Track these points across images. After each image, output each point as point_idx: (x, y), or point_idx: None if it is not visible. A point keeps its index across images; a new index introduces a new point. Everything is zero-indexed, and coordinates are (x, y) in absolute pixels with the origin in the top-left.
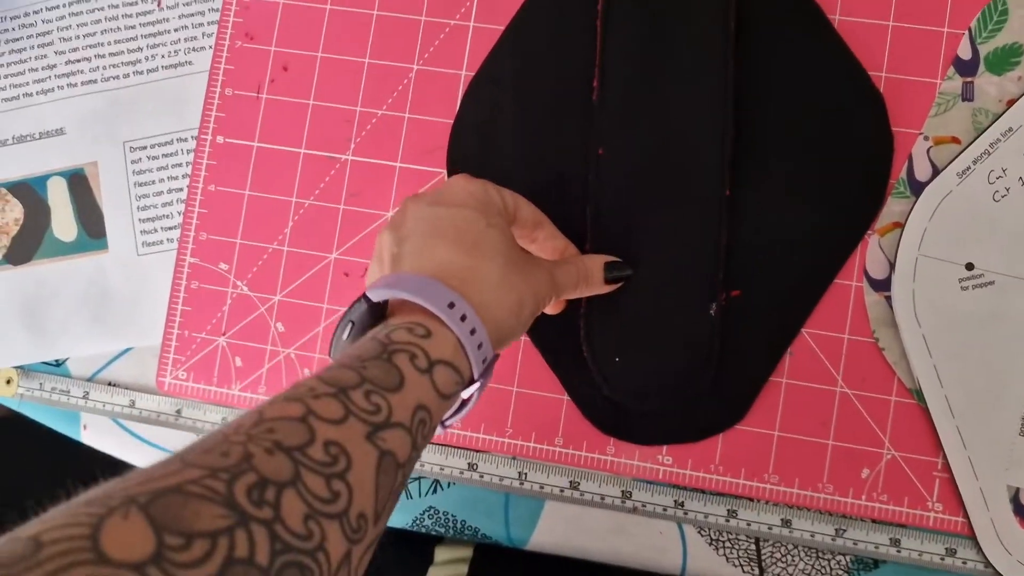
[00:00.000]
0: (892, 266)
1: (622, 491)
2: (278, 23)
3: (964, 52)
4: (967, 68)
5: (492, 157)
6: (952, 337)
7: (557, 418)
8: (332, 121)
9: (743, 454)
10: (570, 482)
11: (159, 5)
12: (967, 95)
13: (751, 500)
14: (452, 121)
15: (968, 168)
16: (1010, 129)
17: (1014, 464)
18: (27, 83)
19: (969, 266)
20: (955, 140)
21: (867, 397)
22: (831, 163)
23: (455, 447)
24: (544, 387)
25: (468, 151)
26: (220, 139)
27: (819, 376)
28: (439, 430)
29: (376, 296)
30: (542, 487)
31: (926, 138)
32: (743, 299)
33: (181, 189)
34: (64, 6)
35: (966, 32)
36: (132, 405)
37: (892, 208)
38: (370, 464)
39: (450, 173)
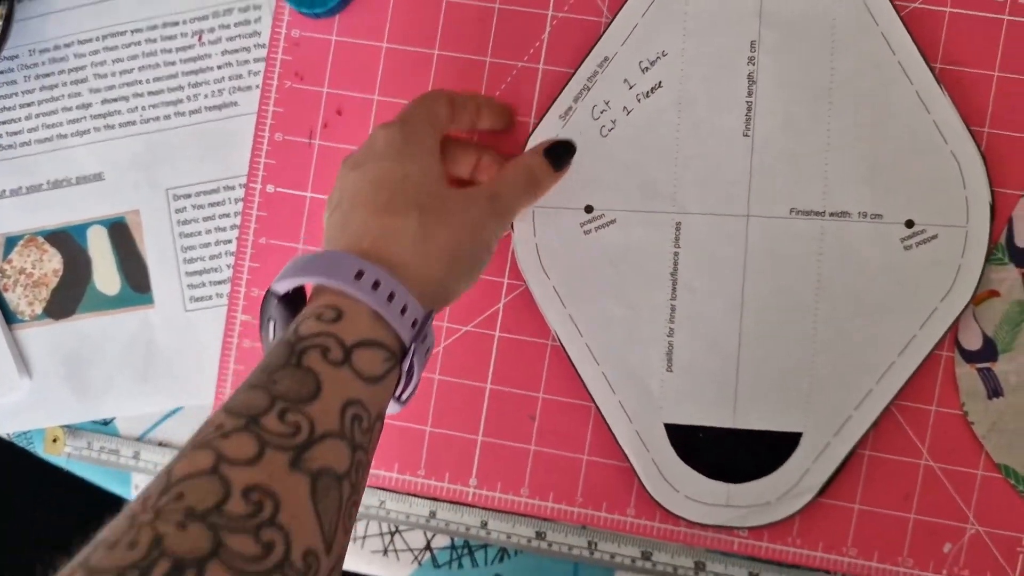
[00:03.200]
0: (985, 337)
1: (695, 562)
2: (330, 62)
3: None
4: None
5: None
6: (583, 283)
7: (630, 488)
8: None
9: (822, 527)
10: (642, 552)
11: (200, 40)
12: None
13: (829, 574)
14: None
15: (570, 108)
16: (605, 59)
17: (666, 401)
18: (61, 123)
19: (588, 208)
20: None
21: (952, 471)
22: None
23: (523, 515)
24: (613, 455)
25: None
26: (270, 188)
27: (903, 448)
28: (395, 407)
29: (281, 288)
30: (612, 557)
31: None
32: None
33: (230, 241)
34: (97, 39)
35: None
36: None
37: (989, 276)
38: (302, 495)
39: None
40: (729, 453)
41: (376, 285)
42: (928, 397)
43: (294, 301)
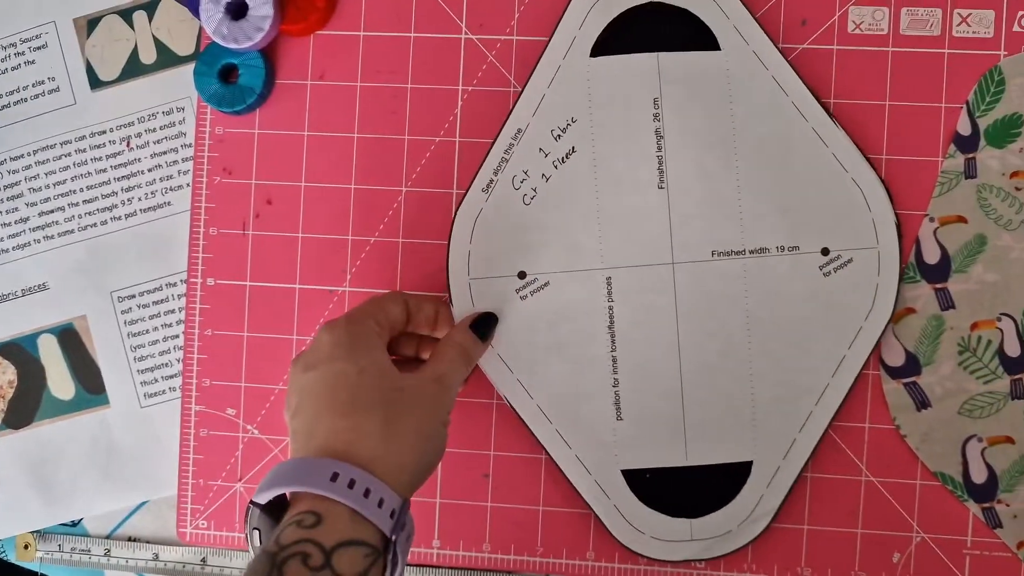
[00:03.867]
0: (907, 353)
1: None
2: (256, 154)
3: (963, 127)
4: (968, 144)
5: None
6: (526, 347)
7: (587, 533)
8: (325, 252)
9: (775, 551)
10: None
11: (128, 146)
12: (970, 172)
13: None
14: (447, 242)
15: (491, 181)
16: (519, 130)
17: (620, 448)
18: (1, 238)
19: (521, 274)
20: (961, 219)
21: (892, 483)
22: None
23: (487, 570)
24: (572, 503)
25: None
26: (211, 281)
27: (844, 467)
28: None
29: (262, 499)
30: None
31: (932, 219)
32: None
33: (177, 336)
34: (29, 155)
35: (964, 106)
36: (156, 558)
37: (904, 294)
38: None
39: (450, 292)
40: (687, 490)
41: (352, 484)
42: (861, 416)
43: (276, 508)
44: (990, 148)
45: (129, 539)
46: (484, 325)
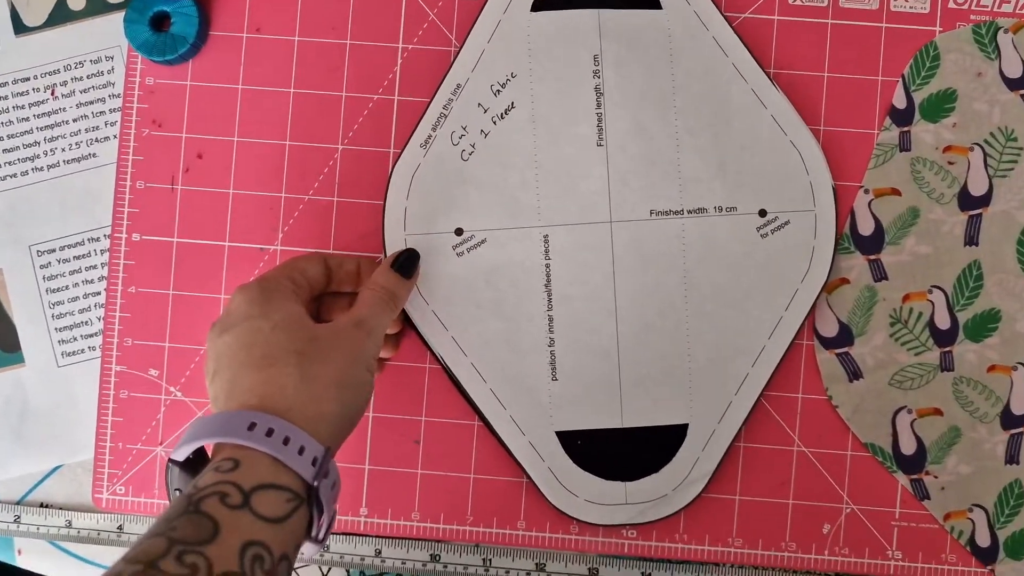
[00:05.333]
0: (840, 323)
1: (588, 568)
2: (187, 107)
3: (899, 101)
4: (903, 117)
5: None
6: (462, 305)
7: (518, 501)
8: (256, 210)
9: (706, 521)
10: (536, 564)
11: (53, 94)
12: (904, 145)
13: (718, 565)
14: (383, 201)
15: (429, 136)
16: (458, 86)
17: (555, 410)
18: None
19: (459, 231)
20: (895, 192)
21: (824, 454)
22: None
23: (416, 539)
24: (503, 471)
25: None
26: (136, 236)
27: (776, 437)
28: (313, 549)
29: (179, 455)
30: (507, 572)
31: (866, 191)
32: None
33: (99, 293)
34: None
35: (900, 80)
36: (69, 525)
37: (838, 264)
38: None
39: (385, 250)
40: (622, 452)
41: (270, 432)
42: (794, 386)
43: (196, 467)
44: (924, 122)
45: (41, 505)
46: (407, 262)
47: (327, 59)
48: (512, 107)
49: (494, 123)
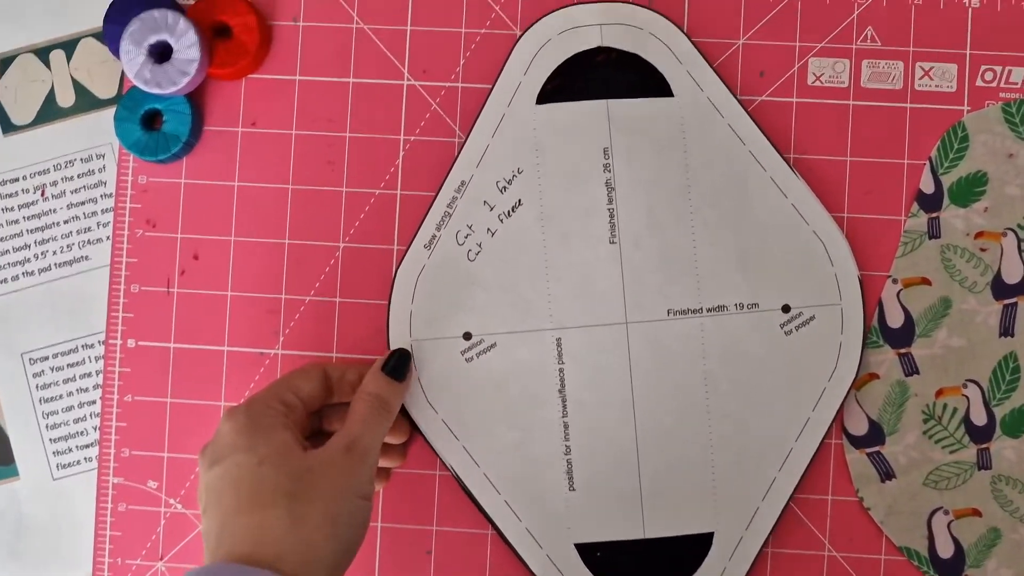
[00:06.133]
0: (871, 421)
1: None
2: (182, 206)
3: (927, 186)
4: (931, 202)
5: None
6: (472, 412)
7: None
8: (255, 312)
9: None
10: None
11: (43, 194)
12: (934, 232)
13: None
14: (387, 302)
15: (434, 236)
16: (463, 183)
17: (573, 521)
18: None
19: (467, 335)
20: (925, 281)
21: (856, 559)
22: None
23: None
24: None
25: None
26: (131, 343)
27: (806, 542)
28: None
29: None
30: None
31: (895, 281)
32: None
33: (94, 402)
34: None
35: (927, 163)
36: None
37: (867, 359)
38: None
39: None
40: (644, 564)
41: None
42: (823, 487)
43: None
44: (954, 207)
45: None
46: (398, 364)
47: (326, 153)
48: (519, 204)
49: (501, 221)
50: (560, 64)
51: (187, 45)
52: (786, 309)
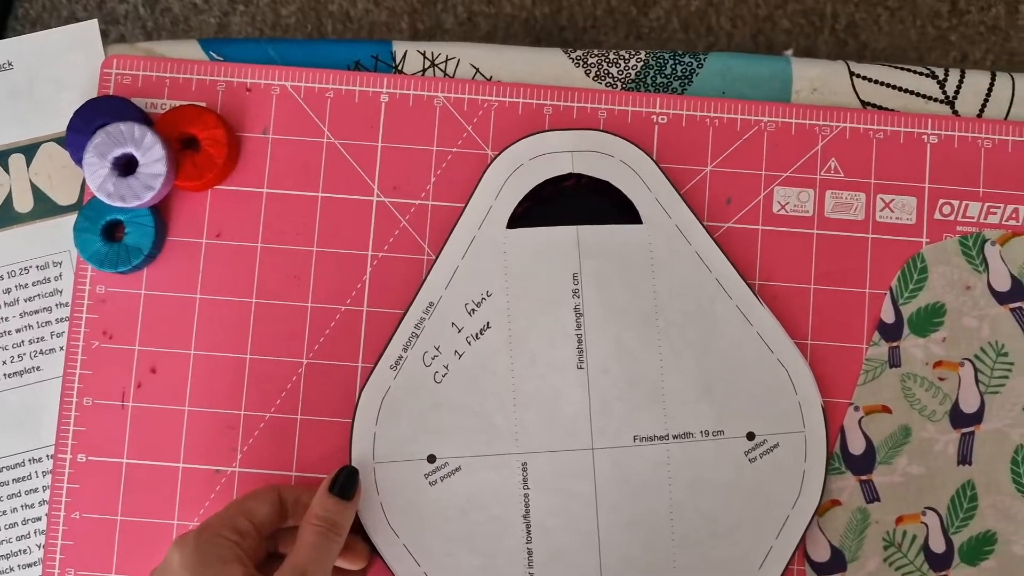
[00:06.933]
0: (833, 547)
1: None
2: (141, 318)
3: (888, 315)
4: (892, 332)
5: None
6: (434, 537)
7: None
8: (213, 429)
9: None
10: None
11: None
12: (894, 360)
13: None
14: (351, 420)
15: (400, 357)
16: (431, 304)
17: None
18: None
19: (431, 458)
20: (886, 409)
21: None
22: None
23: None
24: None
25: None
26: (82, 458)
27: None
28: None
29: None
30: None
31: (856, 408)
32: None
33: (39, 519)
34: None
35: (888, 293)
36: None
37: (829, 485)
38: None
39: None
40: None
41: None
42: None
43: None
44: (914, 336)
45: None
46: (346, 483)
47: (292, 267)
48: (488, 327)
49: (469, 343)
50: (531, 189)
51: (153, 159)
52: (751, 436)
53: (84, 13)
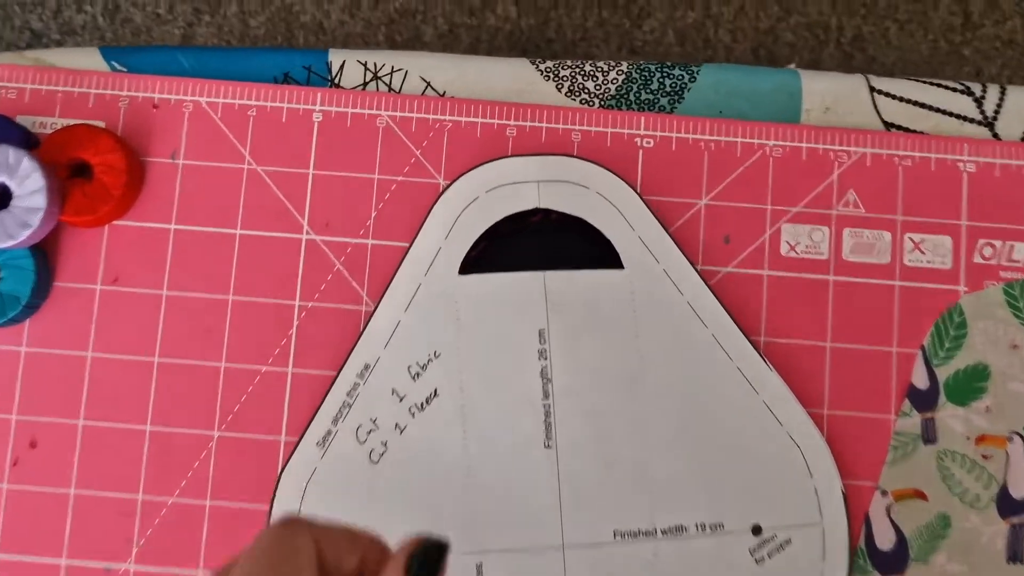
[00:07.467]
0: None
1: None
2: (20, 380)
3: (919, 379)
4: (925, 400)
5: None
6: None
7: None
8: (105, 515)
9: None
10: None
11: None
12: (929, 435)
13: None
14: (269, 507)
15: (329, 432)
16: (367, 366)
17: None
18: None
19: None
20: (920, 495)
21: None
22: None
23: None
24: None
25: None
26: None
27: None
28: None
29: None
30: None
31: (884, 494)
32: None
33: None
34: None
35: (919, 352)
36: None
37: None
38: None
39: None
40: None
41: None
42: None
43: None
44: (952, 405)
45: None
46: (431, 564)
47: (203, 319)
48: (435, 395)
49: (412, 415)
50: (489, 227)
51: (31, 191)
52: (757, 531)
53: (39, 23)
